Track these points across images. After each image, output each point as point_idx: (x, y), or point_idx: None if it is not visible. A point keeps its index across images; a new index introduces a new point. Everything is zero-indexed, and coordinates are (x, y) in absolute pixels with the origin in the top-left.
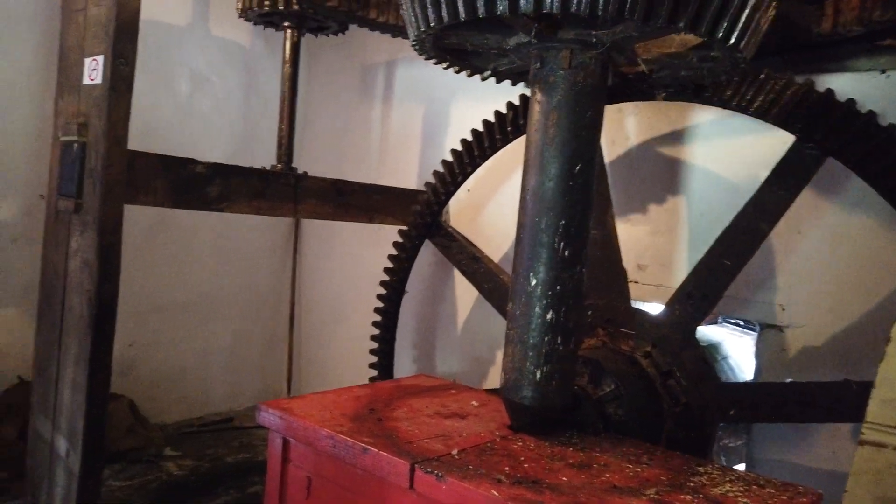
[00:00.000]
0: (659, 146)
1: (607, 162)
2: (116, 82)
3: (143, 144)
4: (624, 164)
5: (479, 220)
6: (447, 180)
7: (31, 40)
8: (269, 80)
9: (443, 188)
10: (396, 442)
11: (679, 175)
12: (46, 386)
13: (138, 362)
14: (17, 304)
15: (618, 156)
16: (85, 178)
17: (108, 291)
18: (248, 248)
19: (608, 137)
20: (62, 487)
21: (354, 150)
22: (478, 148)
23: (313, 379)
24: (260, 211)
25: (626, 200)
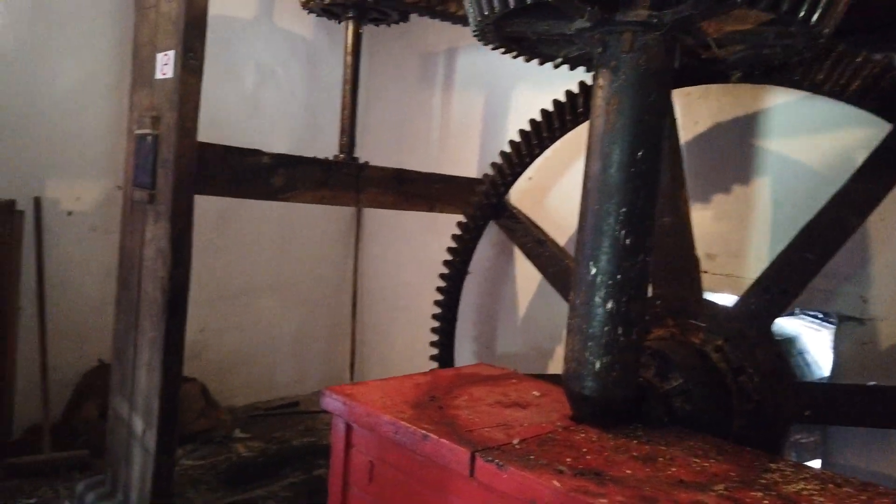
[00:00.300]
0: (729, 130)
1: None
2: (186, 76)
3: (212, 136)
4: (691, 149)
5: (545, 203)
6: (514, 161)
7: (107, 37)
8: (331, 72)
9: (509, 169)
10: (457, 430)
11: (751, 161)
12: (124, 368)
13: (209, 347)
14: (98, 290)
15: (685, 141)
16: (158, 170)
17: (180, 278)
18: (312, 236)
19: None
20: (139, 465)
21: (415, 139)
22: (546, 129)
23: (375, 365)
24: (323, 200)
25: (694, 187)
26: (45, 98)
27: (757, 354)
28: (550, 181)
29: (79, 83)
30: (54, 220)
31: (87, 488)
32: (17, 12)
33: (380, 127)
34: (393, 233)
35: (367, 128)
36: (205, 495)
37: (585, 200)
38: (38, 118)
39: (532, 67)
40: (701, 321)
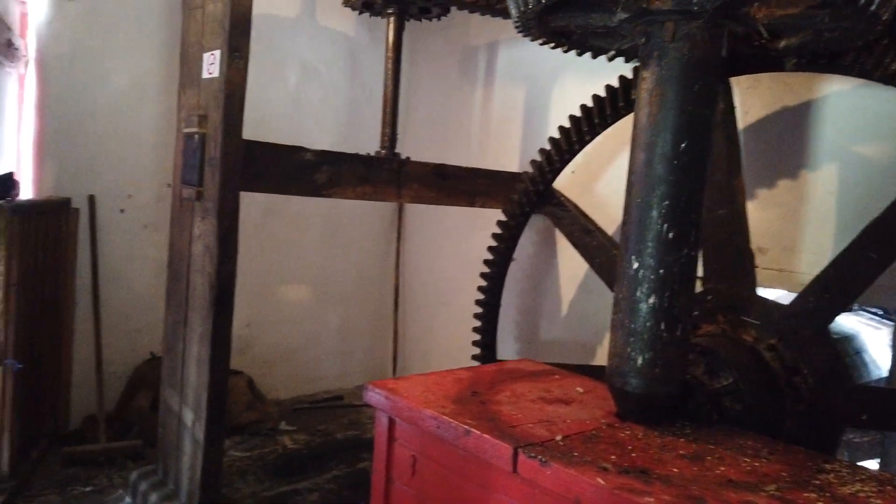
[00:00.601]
0: (781, 121)
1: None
2: (232, 75)
3: (257, 134)
4: (742, 140)
5: (594, 191)
6: (563, 148)
7: (156, 39)
8: (372, 68)
9: (557, 156)
10: (499, 425)
11: (806, 152)
12: (174, 361)
13: (255, 341)
14: (149, 285)
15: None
16: (205, 168)
17: (226, 273)
18: (355, 232)
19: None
20: (189, 455)
21: (456, 134)
22: (599, 116)
23: (416, 360)
24: (365, 196)
25: (745, 178)
26: (99, 99)
27: (812, 355)
28: (601, 168)
29: (130, 84)
30: (108, 218)
31: (139, 477)
32: (72, 17)
33: (421, 122)
34: (434, 228)
35: (408, 123)
36: (252, 486)
37: (629, 193)
38: (92, 119)
39: (575, 59)
40: (754, 318)
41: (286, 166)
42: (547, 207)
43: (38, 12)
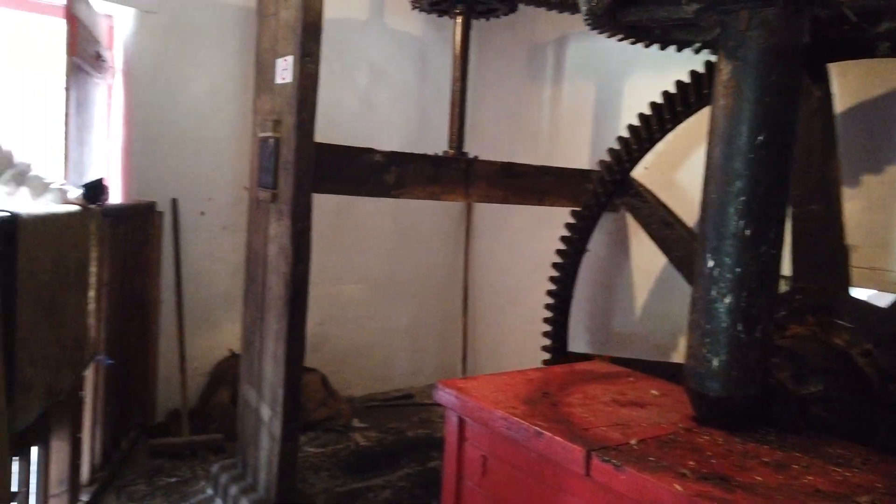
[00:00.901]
0: (872, 111)
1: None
2: (304, 80)
3: (328, 136)
4: None
5: (675, 181)
6: (642, 136)
7: (232, 47)
8: (440, 68)
9: (636, 144)
10: (571, 427)
11: None
12: (251, 358)
13: (328, 339)
14: (228, 284)
15: None
16: (279, 171)
17: (300, 273)
18: (424, 232)
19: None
20: (266, 449)
21: (524, 132)
22: (681, 103)
23: (486, 359)
24: (433, 196)
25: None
26: (181, 107)
27: None
28: (683, 156)
29: (209, 91)
30: (189, 220)
31: (220, 470)
32: (155, 29)
33: (489, 121)
34: (503, 227)
35: (476, 122)
36: (325, 482)
37: (706, 188)
38: (175, 126)
39: (647, 52)
40: (846, 320)
41: (356, 168)
42: (624, 198)
43: (124, 25)
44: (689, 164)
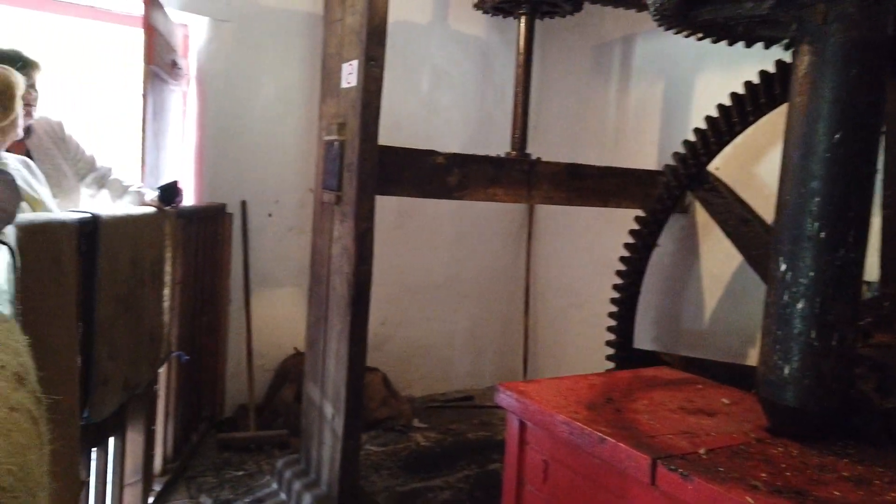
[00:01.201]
0: None
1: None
2: (368, 83)
3: (392, 138)
4: None
5: (755, 176)
6: (721, 129)
7: (299, 52)
8: (504, 69)
9: (714, 136)
10: (636, 434)
11: None
12: (315, 356)
13: (390, 339)
14: (294, 284)
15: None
16: (344, 173)
17: (363, 274)
18: (486, 233)
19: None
20: (329, 446)
21: (589, 133)
22: (765, 94)
23: (548, 363)
24: (495, 197)
25: None
26: (250, 112)
27: None
28: (764, 149)
29: (277, 97)
30: (258, 221)
31: (285, 465)
32: (226, 37)
33: (553, 121)
34: (566, 229)
35: (539, 123)
36: (386, 480)
37: (780, 189)
38: (245, 130)
39: (719, 49)
40: None
41: (418, 170)
42: (699, 192)
43: (198, 34)
44: (772, 157)
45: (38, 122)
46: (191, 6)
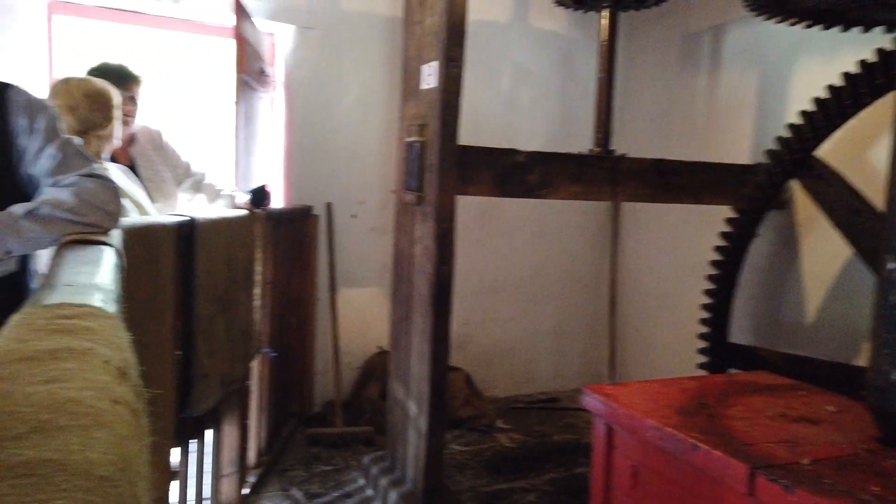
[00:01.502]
0: None
1: None
2: (448, 84)
3: (472, 138)
4: None
5: (871, 163)
6: (831, 111)
7: (379, 56)
8: (586, 64)
9: (824, 119)
10: (732, 442)
11: None
12: (399, 355)
13: (472, 339)
14: (377, 283)
15: None
16: (424, 174)
17: (445, 273)
18: (569, 232)
19: None
20: (413, 444)
21: (677, 127)
22: (883, 74)
23: (635, 365)
24: (578, 196)
25: None
26: (334, 116)
27: None
28: (879, 134)
29: (359, 100)
30: (342, 222)
31: (371, 462)
32: (310, 44)
33: (638, 117)
34: (653, 227)
35: (624, 118)
36: (470, 480)
37: (891, 181)
38: (329, 134)
39: (817, 36)
40: None
41: (499, 169)
42: (806, 180)
43: (284, 42)
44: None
45: (139, 131)
46: (277, 16)
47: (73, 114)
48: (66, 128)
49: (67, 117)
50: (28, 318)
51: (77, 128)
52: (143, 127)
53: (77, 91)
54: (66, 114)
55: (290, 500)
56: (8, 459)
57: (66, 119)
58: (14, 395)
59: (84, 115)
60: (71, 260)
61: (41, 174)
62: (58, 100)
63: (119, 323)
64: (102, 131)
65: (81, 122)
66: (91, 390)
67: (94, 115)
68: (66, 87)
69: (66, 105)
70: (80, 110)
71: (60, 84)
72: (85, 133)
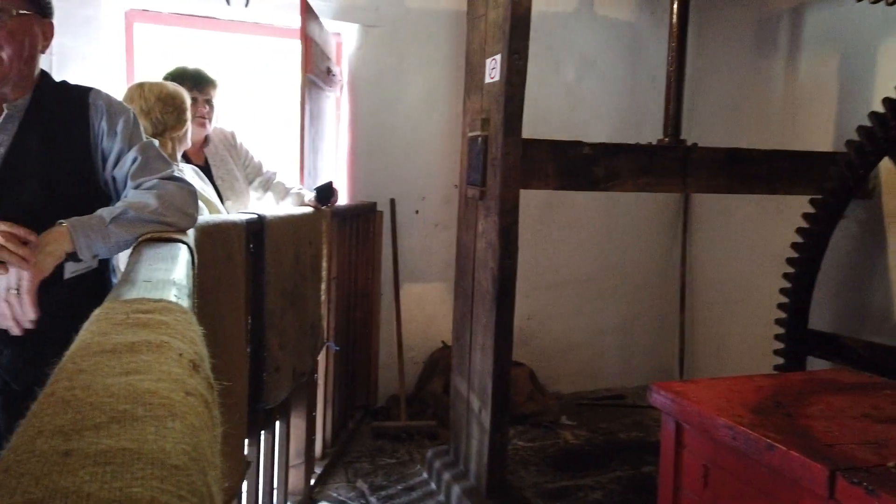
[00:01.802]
0: None
1: None
2: (512, 77)
3: (536, 131)
4: None
5: None
6: None
7: (442, 52)
8: (655, 52)
9: None
10: (811, 443)
11: None
12: (462, 350)
13: (536, 334)
14: (440, 279)
15: None
16: (487, 168)
17: (508, 268)
18: (637, 225)
19: None
20: (476, 439)
21: (752, 115)
22: None
23: (706, 362)
24: (646, 188)
25: None
26: (398, 113)
27: None
28: None
29: (422, 97)
30: (405, 218)
31: (434, 455)
32: (374, 42)
33: (710, 105)
34: (726, 219)
35: (695, 107)
36: (534, 476)
37: None
38: (393, 131)
39: None
40: None
41: (563, 162)
42: None
43: (349, 41)
44: None
45: (214, 132)
46: (343, 15)
47: (147, 117)
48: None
49: (142, 121)
50: (109, 313)
51: (151, 130)
52: (217, 128)
53: (150, 95)
54: (141, 117)
55: (355, 492)
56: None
57: (140, 122)
58: (94, 386)
59: (157, 117)
60: (148, 257)
61: (123, 176)
62: (132, 104)
63: (192, 317)
64: (176, 133)
65: (155, 125)
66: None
67: (168, 117)
68: (140, 91)
69: (140, 109)
70: (154, 113)
71: (135, 88)
72: (160, 135)
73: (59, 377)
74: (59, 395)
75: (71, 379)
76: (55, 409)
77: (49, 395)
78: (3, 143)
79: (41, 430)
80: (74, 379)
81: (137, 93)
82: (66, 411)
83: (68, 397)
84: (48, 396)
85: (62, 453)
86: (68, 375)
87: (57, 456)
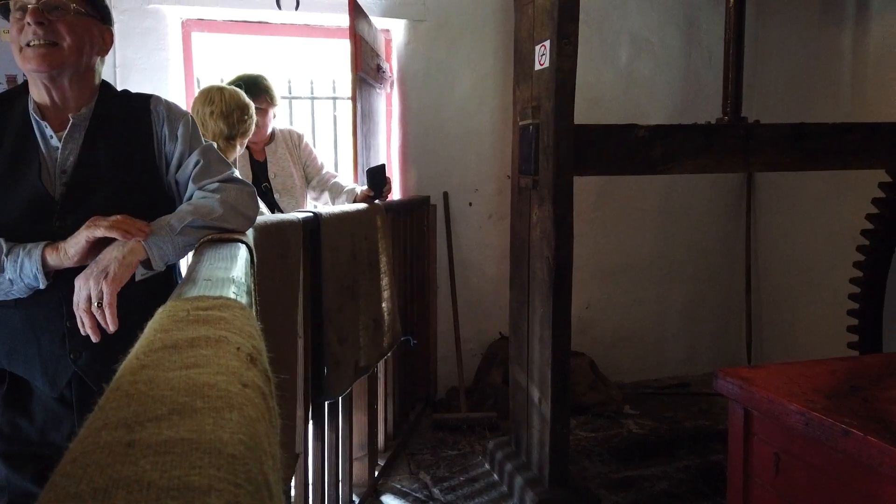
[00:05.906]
0: None
1: None
2: (562, 62)
3: (589, 116)
4: None
5: None
6: None
7: (491, 42)
8: (711, 29)
9: None
10: (891, 427)
11: None
12: (520, 341)
13: (595, 323)
14: (495, 270)
15: None
16: (539, 156)
17: (563, 257)
18: (698, 207)
19: None
20: (537, 430)
21: (819, 87)
22: None
23: (775, 347)
24: (706, 169)
25: None
26: (449, 106)
27: None
28: None
29: (472, 88)
30: (459, 211)
31: (495, 447)
32: (423, 36)
33: (773, 79)
34: (793, 198)
35: (756, 83)
36: (598, 467)
37: None
38: (444, 124)
39: None
40: None
41: (618, 146)
42: None
43: (397, 37)
44: None
45: (281, 133)
46: (390, 11)
47: (226, 120)
48: (215, 131)
49: (220, 122)
50: (171, 311)
51: (226, 133)
52: (286, 129)
53: (231, 100)
54: (220, 119)
55: (418, 484)
56: (149, 438)
57: (217, 124)
58: (157, 380)
59: (235, 122)
60: (210, 256)
61: (186, 179)
62: (213, 106)
63: (250, 313)
64: (245, 138)
65: (231, 128)
66: (223, 375)
67: (243, 124)
68: (222, 94)
69: (220, 111)
70: (233, 117)
71: (216, 92)
72: (231, 139)
73: (124, 373)
74: (123, 389)
75: (134, 374)
76: (119, 402)
77: (114, 390)
78: (72, 152)
79: (106, 422)
80: (137, 374)
81: (219, 96)
82: (129, 404)
83: (132, 391)
84: (113, 391)
85: (125, 444)
86: (132, 371)
87: (120, 447)
